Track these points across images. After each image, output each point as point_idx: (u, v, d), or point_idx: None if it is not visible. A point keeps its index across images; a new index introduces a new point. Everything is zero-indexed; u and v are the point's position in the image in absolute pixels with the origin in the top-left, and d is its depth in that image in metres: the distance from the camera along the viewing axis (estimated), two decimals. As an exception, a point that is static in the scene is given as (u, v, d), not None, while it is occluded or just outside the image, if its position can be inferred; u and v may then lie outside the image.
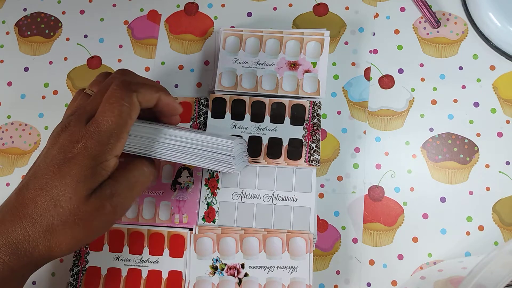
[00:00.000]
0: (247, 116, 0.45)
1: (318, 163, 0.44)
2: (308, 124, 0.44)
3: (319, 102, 0.45)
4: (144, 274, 0.43)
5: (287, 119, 0.45)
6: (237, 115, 0.45)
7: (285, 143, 0.44)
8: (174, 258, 0.43)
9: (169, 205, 0.44)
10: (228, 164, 0.37)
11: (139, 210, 0.44)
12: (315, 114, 0.44)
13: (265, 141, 0.44)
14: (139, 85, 0.35)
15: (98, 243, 0.44)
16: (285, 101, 0.45)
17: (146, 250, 0.43)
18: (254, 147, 0.44)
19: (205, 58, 0.49)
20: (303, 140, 0.44)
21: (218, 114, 0.45)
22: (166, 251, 0.43)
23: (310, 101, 0.45)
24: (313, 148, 0.44)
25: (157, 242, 0.43)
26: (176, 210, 0.44)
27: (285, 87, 0.46)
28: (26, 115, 0.49)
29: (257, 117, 0.45)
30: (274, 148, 0.44)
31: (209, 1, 0.51)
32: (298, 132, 0.44)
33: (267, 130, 0.45)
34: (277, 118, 0.45)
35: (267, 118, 0.45)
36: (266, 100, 0.45)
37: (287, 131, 0.44)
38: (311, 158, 0.44)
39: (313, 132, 0.44)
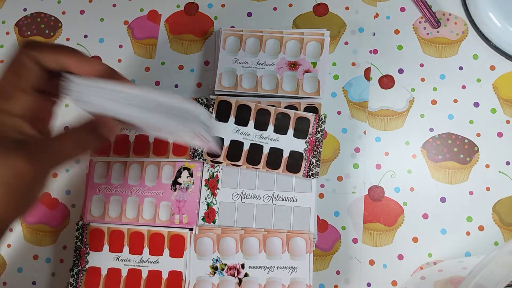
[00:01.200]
0: (251, 123, 0.45)
1: (317, 176, 0.44)
2: (311, 139, 0.44)
3: (324, 118, 0.45)
4: (144, 274, 0.43)
5: (291, 131, 0.45)
6: (241, 121, 0.45)
7: (285, 154, 0.44)
8: (174, 258, 0.43)
9: (169, 206, 0.44)
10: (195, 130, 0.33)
11: (139, 210, 0.44)
12: (319, 129, 0.44)
13: (266, 150, 0.44)
14: (44, 45, 0.33)
15: (98, 243, 0.44)
16: (291, 112, 0.45)
17: (146, 250, 0.43)
18: (254, 154, 0.44)
19: (205, 58, 0.49)
20: (304, 154, 0.44)
21: (222, 117, 0.45)
22: (166, 251, 0.43)
23: (315, 115, 0.45)
24: (313, 163, 0.44)
25: (157, 242, 0.43)
26: (176, 210, 0.44)
27: (285, 87, 0.46)
28: (26, 115, 0.49)
29: (261, 125, 0.45)
30: (274, 158, 0.44)
31: (209, 1, 0.51)
32: (300, 145, 0.44)
33: (269, 139, 0.44)
34: (281, 128, 0.45)
35: (271, 127, 0.45)
36: (271, 109, 0.45)
37: (289, 143, 0.44)
38: (310, 173, 0.44)
39: (315, 147, 0.44)
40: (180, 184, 0.44)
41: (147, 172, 0.45)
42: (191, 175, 0.44)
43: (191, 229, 0.43)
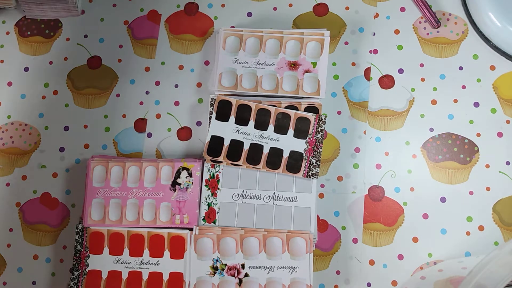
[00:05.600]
0: (251, 123, 0.45)
1: (317, 176, 0.44)
2: (311, 139, 0.44)
3: (325, 118, 0.45)
4: (145, 276, 0.43)
5: (291, 131, 0.44)
6: (242, 120, 0.45)
7: (285, 154, 0.44)
8: (175, 260, 0.43)
9: (170, 206, 0.44)
10: None
11: (139, 212, 0.44)
12: (319, 129, 0.44)
13: (266, 150, 0.44)
14: None
15: (99, 246, 0.44)
16: (291, 112, 0.45)
17: (146, 252, 0.43)
18: (254, 154, 0.44)
19: (205, 58, 0.49)
20: (304, 154, 0.44)
21: (223, 116, 0.45)
22: (167, 253, 0.43)
23: (315, 115, 0.44)
24: (313, 163, 0.44)
25: (158, 244, 0.43)
26: (176, 211, 0.44)
27: (285, 87, 0.46)
28: (26, 115, 0.49)
29: (261, 125, 0.45)
30: (274, 158, 0.44)
31: (209, 1, 0.51)
32: (300, 145, 0.44)
33: (269, 139, 0.44)
34: (281, 128, 0.45)
35: (271, 127, 0.45)
36: (272, 109, 0.45)
37: (289, 143, 0.44)
38: (310, 173, 0.43)
39: (315, 147, 0.44)
40: (179, 184, 0.44)
41: (146, 173, 0.45)
42: (190, 175, 0.44)
43: (191, 230, 0.43)
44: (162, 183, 0.44)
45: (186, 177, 0.44)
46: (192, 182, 0.44)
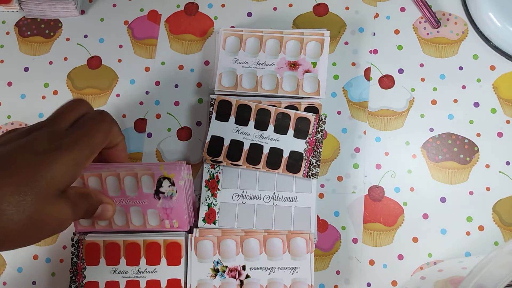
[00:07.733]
0: (251, 123, 0.45)
1: (317, 176, 0.44)
2: (311, 139, 0.44)
3: (325, 118, 0.44)
4: (143, 285, 0.42)
5: (291, 131, 0.44)
6: (242, 121, 0.45)
7: (285, 154, 0.44)
8: (172, 266, 0.42)
9: (157, 213, 0.42)
10: None
11: (127, 218, 0.42)
12: (319, 129, 0.44)
13: (266, 150, 0.44)
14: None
15: (95, 258, 0.43)
16: (291, 112, 0.45)
17: (143, 260, 0.42)
18: (254, 154, 0.44)
19: (205, 58, 0.49)
20: (304, 154, 0.44)
21: (223, 116, 0.45)
22: (163, 260, 0.42)
23: (315, 115, 0.44)
24: (313, 163, 0.44)
25: (154, 252, 0.42)
26: (164, 217, 0.42)
27: (285, 87, 0.46)
28: (26, 115, 0.49)
29: (261, 125, 0.45)
30: (274, 158, 0.44)
31: (209, 1, 0.51)
32: (300, 145, 0.44)
33: (269, 139, 0.44)
34: (281, 128, 0.45)
35: (271, 127, 0.45)
36: (272, 109, 0.45)
37: (289, 143, 0.44)
38: (310, 174, 0.43)
39: (315, 147, 0.44)
40: (163, 193, 0.42)
41: (125, 183, 0.42)
42: (172, 184, 0.42)
43: (190, 232, 0.43)
44: (145, 192, 0.42)
45: (169, 186, 0.42)
46: (176, 191, 0.42)
